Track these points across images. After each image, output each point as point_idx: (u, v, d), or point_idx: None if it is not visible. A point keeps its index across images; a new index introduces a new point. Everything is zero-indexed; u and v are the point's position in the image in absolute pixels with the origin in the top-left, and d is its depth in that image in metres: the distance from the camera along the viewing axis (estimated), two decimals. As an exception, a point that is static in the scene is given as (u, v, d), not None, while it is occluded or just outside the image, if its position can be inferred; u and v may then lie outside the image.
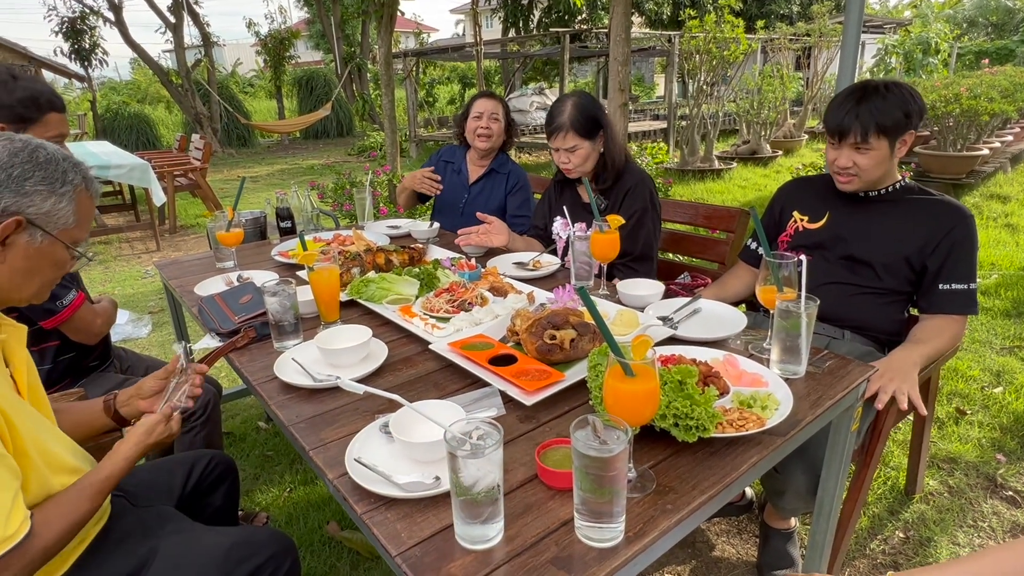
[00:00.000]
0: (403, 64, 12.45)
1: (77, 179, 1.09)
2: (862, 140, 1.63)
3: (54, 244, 1.07)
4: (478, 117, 2.69)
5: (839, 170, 1.72)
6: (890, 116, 1.61)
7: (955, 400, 2.73)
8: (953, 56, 11.98)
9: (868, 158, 1.66)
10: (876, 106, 1.61)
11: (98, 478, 1.10)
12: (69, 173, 1.07)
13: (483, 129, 2.68)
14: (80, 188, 1.09)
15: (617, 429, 0.87)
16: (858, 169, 1.68)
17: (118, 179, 5.56)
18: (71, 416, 1.34)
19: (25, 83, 1.64)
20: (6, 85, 1.60)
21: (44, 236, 1.05)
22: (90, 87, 13.90)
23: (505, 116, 2.73)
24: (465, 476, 0.84)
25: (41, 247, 1.05)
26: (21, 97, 1.61)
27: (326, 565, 1.94)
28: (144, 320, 4.00)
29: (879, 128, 1.61)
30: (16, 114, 1.61)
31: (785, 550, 1.80)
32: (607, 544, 0.88)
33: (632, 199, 2.17)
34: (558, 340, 1.35)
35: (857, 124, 1.62)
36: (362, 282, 1.82)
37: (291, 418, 1.24)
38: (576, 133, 2.12)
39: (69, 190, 1.07)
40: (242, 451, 2.58)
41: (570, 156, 2.16)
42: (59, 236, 1.07)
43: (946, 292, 1.65)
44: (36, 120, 1.65)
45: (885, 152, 1.65)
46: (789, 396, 1.18)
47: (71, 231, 1.09)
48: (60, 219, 1.06)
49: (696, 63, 8.26)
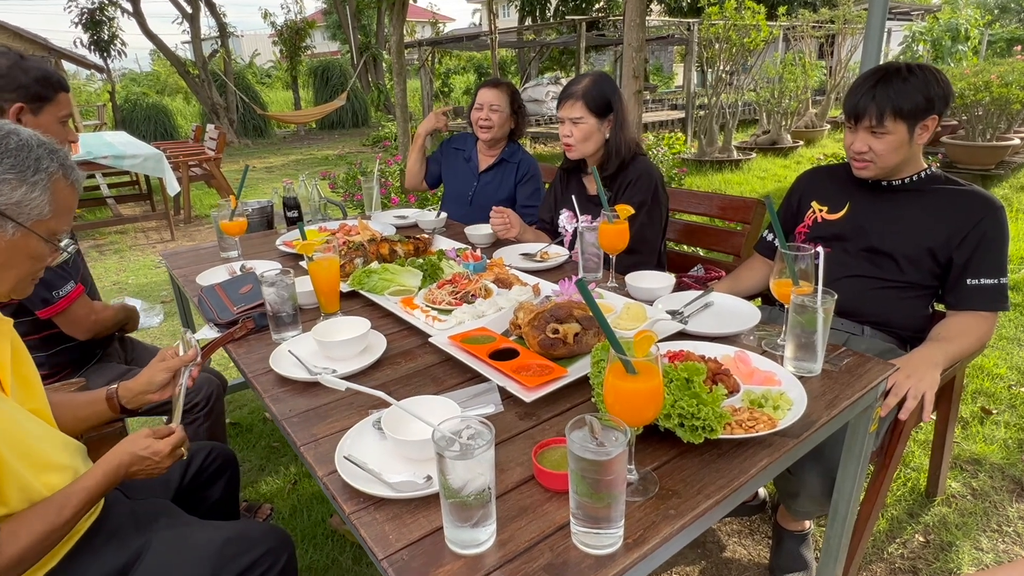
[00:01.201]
0: (418, 53, 12.40)
1: (52, 167, 1.03)
2: (877, 123, 1.56)
3: (28, 236, 1.01)
4: (479, 108, 2.64)
5: (854, 155, 1.65)
6: (909, 99, 1.53)
7: (980, 399, 2.63)
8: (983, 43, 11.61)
9: (884, 143, 1.58)
10: (895, 88, 1.53)
11: (73, 490, 1.04)
12: (43, 160, 1.01)
13: (483, 120, 2.63)
14: (56, 176, 1.03)
15: (616, 430, 0.82)
16: (873, 155, 1.60)
17: (133, 169, 5.60)
18: (72, 409, 1.32)
19: (35, 63, 1.66)
20: (20, 65, 1.62)
21: (16, 228, 0.99)
22: (109, 78, 14.05)
23: (510, 104, 2.66)
24: (454, 478, 0.79)
25: (14, 240, 1.00)
26: (37, 76, 1.63)
27: (328, 559, 1.91)
28: (156, 309, 4.02)
29: (896, 111, 1.53)
30: (33, 92, 1.62)
31: (799, 552, 1.74)
32: (604, 551, 0.83)
33: (633, 191, 2.09)
34: (561, 334, 1.30)
35: (873, 106, 1.55)
36: (364, 272, 1.79)
37: (284, 412, 1.21)
38: (585, 105, 2.06)
39: (43, 179, 1.01)
40: (248, 442, 2.57)
41: (572, 129, 2.09)
42: (33, 228, 1.01)
43: (974, 287, 1.57)
44: (51, 99, 1.66)
45: (903, 137, 1.57)
46: (803, 396, 1.12)
47: (46, 222, 1.03)
48: (33, 209, 1.00)
49: (715, 51, 8.09)
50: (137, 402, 1.31)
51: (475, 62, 21.69)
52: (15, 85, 1.59)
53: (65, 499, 1.03)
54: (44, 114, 1.65)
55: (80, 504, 1.04)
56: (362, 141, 13.11)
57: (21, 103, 1.60)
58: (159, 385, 1.29)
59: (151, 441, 1.15)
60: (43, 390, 1.23)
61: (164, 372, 1.29)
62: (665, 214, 2.19)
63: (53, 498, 1.03)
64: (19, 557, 0.95)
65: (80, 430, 1.34)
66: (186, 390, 1.30)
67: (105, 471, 1.09)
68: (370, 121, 16.19)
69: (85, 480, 1.07)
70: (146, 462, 1.14)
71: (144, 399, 1.31)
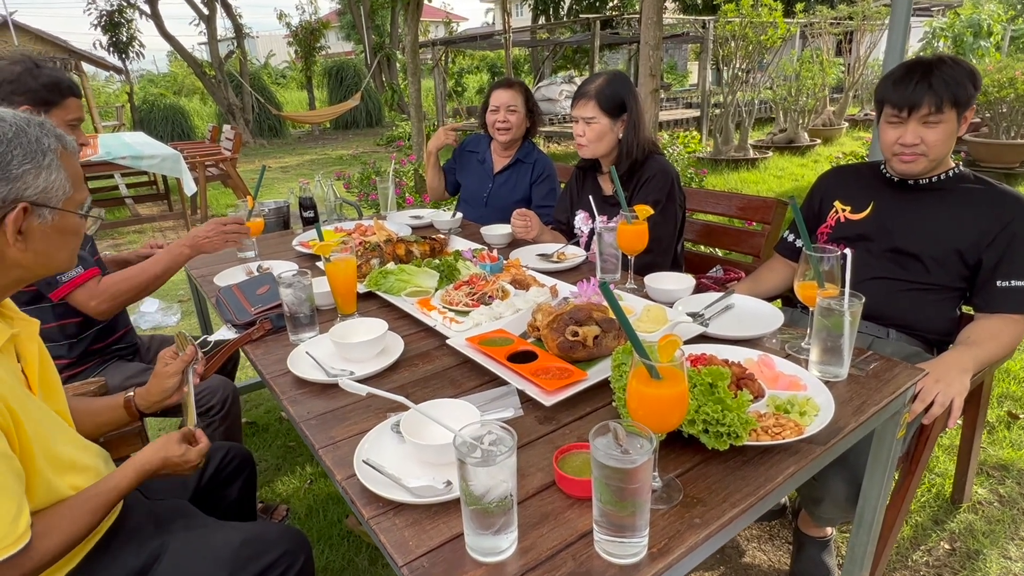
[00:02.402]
0: (432, 53, 12.41)
1: (52, 142, 1.02)
2: (936, 111, 1.52)
3: (64, 216, 1.03)
4: (495, 111, 2.63)
5: (903, 148, 1.58)
6: (963, 87, 1.51)
7: (1007, 403, 2.57)
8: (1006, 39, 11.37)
9: (938, 132, 1.54)
10: (947, 76, 1.50)
11: (105, 488, 1.07)
12: (43, 140, 1.01)
13: (501, 123, 2.62)
14: (59, 151, 1.03)
15: (641, 437, 0.80)
16: (926, 147, 1.56)
17: (150, 169, 5.66)
18: (91, 415, 1.34)
19: (48, 70, 1.72)
20: (31, 71, 1.68)
21: (52, 212, 1.01)
22: (127, 79, 14.23)
23: (525, 103, 2.64)
24: (476, 485, 0.78)
25: (55, 224, 1.02)
26: (45, 82, 1.69)
27: (344, 560, 1.91)
28: (174, 308, 4.06)
29: (952, 99, 1.51)
30: (41, 97, 1.69)
31: (820, 559, 1.71)
32: (629, 560, 0.81)
33: (647, 190, 2.06)
34: (580, 337, 1.28)
35: (931, 94, 1.51)
36: (381, 273, 1.78)
37: (302, 414, 1.20)
38: (598, 105, 2.04)
39: (53, 159, 1.01)
40: (264, 441, 2.58)
41: (585, 129, 2.07)
42: (65, 207, 1.03)
43: (1005, 289, 1.52)
44: (57, 103, 1.72)
45: (954, 127, 1.54)
46: (831, 401, 1.09)
47: (73, 197, 1.05)
48: (58, 190, 1.02)
49: (731, 49, 8.01)
50: (155, 408, 1.35)
51: (488, 61, 21.69)
52: (24, 89, 1.66)
53: (97, 497, 1.05)
54: (52, 117, 1.68)
55: (112, 503, 1.07)
56: (376, 141, 13.16)
57: (29, 106, 1.67)
58: (172, 391, 1.34)
59: (186, 448, 1.18)
60: (64, 394, 1.24)
61: (173, 377, 1.33)
62: (681, 214, 2.16)
63: (85, 496, 1.04)
64: (50, 555, 0.97)
65: (99, 433, 1.36)
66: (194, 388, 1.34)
67: (137, 471, 1.11)
68: (384, 121, 16.25)
69: (117, 479, 1.09)
70: (173, 466, 1.17)
71: (162, 406, 1.35)
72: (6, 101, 1.64)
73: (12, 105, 1.65)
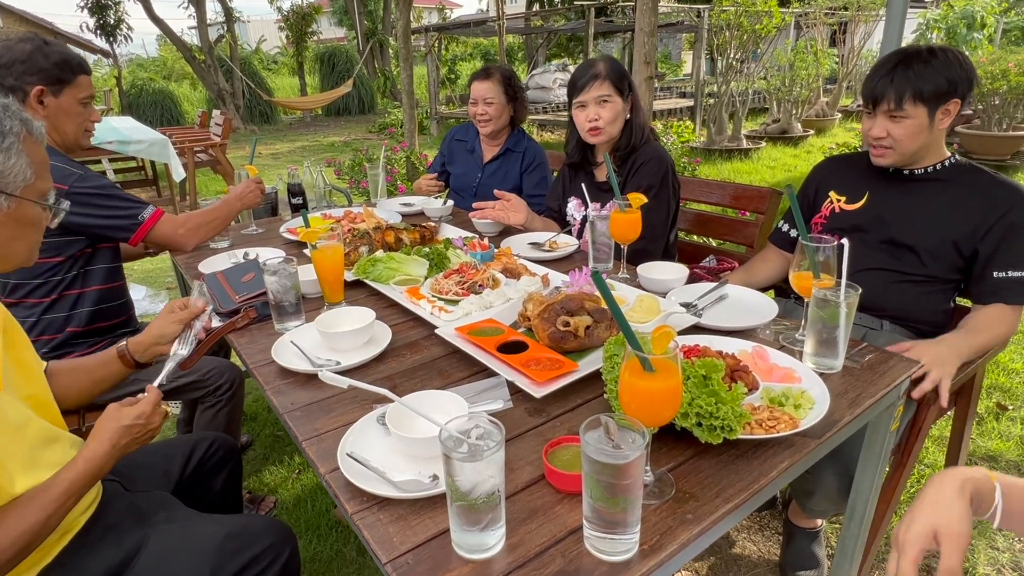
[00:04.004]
0: (425, 39, 12.26)
1: (15, 126, 0.97)
2: (896, 107, 1.50)
3: (22, 204, 0.98)
4: (474, 103, 2.59)
5: (873, 141, 1.59)
6: (930, 82, 1.47)
7: (995, 394, 2.57)
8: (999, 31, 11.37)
9: (903, 128, 1.52)
10: (916, 71, 1.48)
11: (54, 483, 0.98)
12: (4, 122, 0.95)
13: (480, 115, 2.58)
14: (23, 135, 0.98)
15: (633, 431, 0.78)
16: (892, 140, 1.54)
17: (138, 154, 5.56)
18: (86, 373, 1.31)
19: (57, 47, 1.72)
20: (42, 50, 1.68)
21: (8, 199, 0.96)
22: (115, 63, 13.97)
23: (504, 92, 2.58)
24: (462, 480, 0.75)
25: (11, 212, 0.97)
26: (57, 60, 1.69)
27: (332, 550, 1.89)
28: (161, 295, 4.01)
29: (916, 94, 1.47)
30: (53, 76, 1.69)
31: (810, 550, 1.70)
32: (619, 558, 0.79)
33: (641, 175, 2.02)
34: (572, 327, 1.26)
35: (892, 89, 1.49)
36: (369, 261, 1.74)
37: (286, 405, 1.17)
38: (612, 84, 1.98)
39: (13, 142, 0.95)
40: (252, 431, 2.55)
41: (600, 111, 2.00)
42: (24, 195, 0.97)
43: (1002, 280, 1.51)
44: (70, 81, 1.72)
45: (922, 121, 1.51)
46: (826, 394, 1.07)
47: (34, 185, 0.99)
48: (17, 176, 0.96)
49: (726, 38, 7.95)
50: (149, 355, 1.31)
51: (482, 48, 21.46)
52: (36, 69, 1.65)
53: (45, 494, 0.97)
54: (64, 95, 1.71)
55: (61, 497, 0.98)
56: (368, 128, 13.02)
57: (42, 86, 1.67)
58: (170, 337, 1.29)
59: (128, 409, 1.08)
60: (42, 372, 1.19)
61: (175, 324, 1.29)
62: (675, 202, 2.12)
63: (32, 493, 0.97)
64: (4, 556, 0.91)
65: (98, 392, 1.33)
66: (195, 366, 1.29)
67: (88, 458, 1.02)
68: (376, 108, 16.07)
69: (66, 472, 1.00)
70: (136, 430, 1.07)
71: (155, 351, 1.30)
72: (19, 81, 1.64)
73: (25, 85, 1.65)
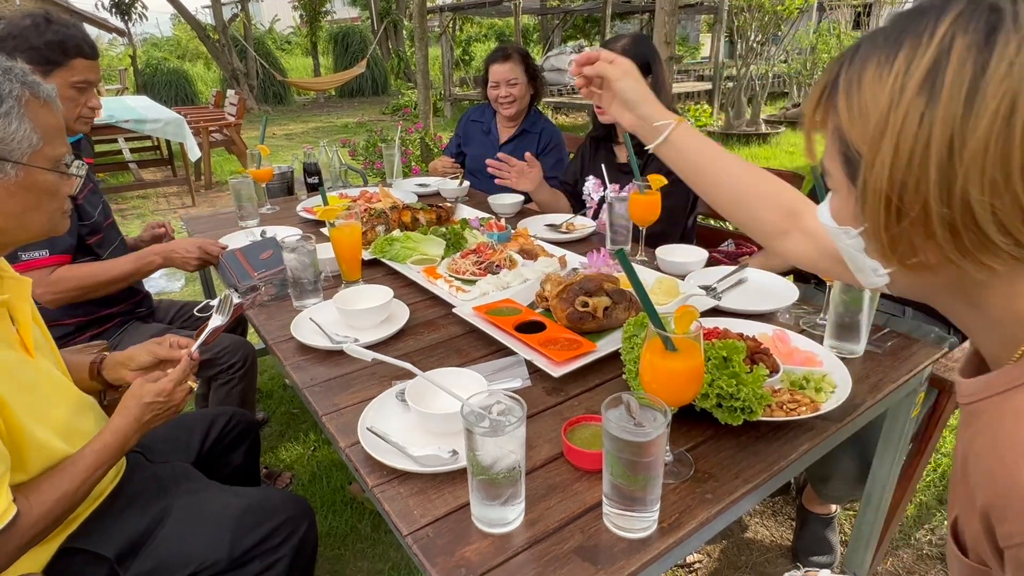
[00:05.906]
0: (439, 20, 12.14)
1: (15, 88, 0.91)
2: None
3: (31, 172, 0.94)
4: (495, 86, 2.55)
5: None
6: None
7: (1016, 385, 2.54)
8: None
9: None
10: None
11: (83, 454, 1.00)
12: (3, 85, 0.90)
13: (504, 97, 2.55)
14: (26, 98, 0.93)
15: (655, 409, 0.77)
16: None
17: (154, 133, 5.59)
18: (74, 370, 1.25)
19: (57, 27, 1.62)
20: (38, 27, 1.59)
21: (15, 167, 0.92)
22: (130, 42, 14.00)
23: (525, 72, 2.55)
24: (483, 455, 0.76)
25: (20, 180, 0.93)
26: (49, 40, 1.59)
27: (347, 526, 1.92)
28: (178, 275, 4.04)
29: None
30: (42, 56, 1.59)
31: (824, 536, 1.70)
32: (638, 535, 0.79)
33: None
34: (591, 307, 1.25)
35: None
36: (386, 240, 1.74)
37: (305, 380, 1.18)
38: None
39: (13, 106, 0.90)
40: (268, 408, 2.58)
41: None
42: (31, 162, 0.93)
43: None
44: (62, 64, 1.62)
45: None
46: (847, 378, 1.06)
47: (43, 151, 0.95)
48: (22, 142, 0.91)
49: (746, 20, 7.80)
50: (114, 375, 1.22)
51: (496, 29, 21.20)
52: (26, 46, 1.56)
53: (74, 465, 0.99)
54: (53, 78, 1.60)
55: (90, 468, 1.00)
56: (382, 109, 12.96)
57: (30, 65, 1.58)
58: (138, 365, 1.19)
59: (151, 386, 1.07)
60: (56, 351, 1.21)
61: (148, 356, 1.19)
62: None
63: (64, 465, 0.99)
64: (35, 524, 0.93)
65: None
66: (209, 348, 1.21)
67: (114, 431, 1.04)
68: (390, 89, 15.98)
69: (94, 443, 1.02)
70: (157, 407, 1.07)
71: (120, 373, 1.21)
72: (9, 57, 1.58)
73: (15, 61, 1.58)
